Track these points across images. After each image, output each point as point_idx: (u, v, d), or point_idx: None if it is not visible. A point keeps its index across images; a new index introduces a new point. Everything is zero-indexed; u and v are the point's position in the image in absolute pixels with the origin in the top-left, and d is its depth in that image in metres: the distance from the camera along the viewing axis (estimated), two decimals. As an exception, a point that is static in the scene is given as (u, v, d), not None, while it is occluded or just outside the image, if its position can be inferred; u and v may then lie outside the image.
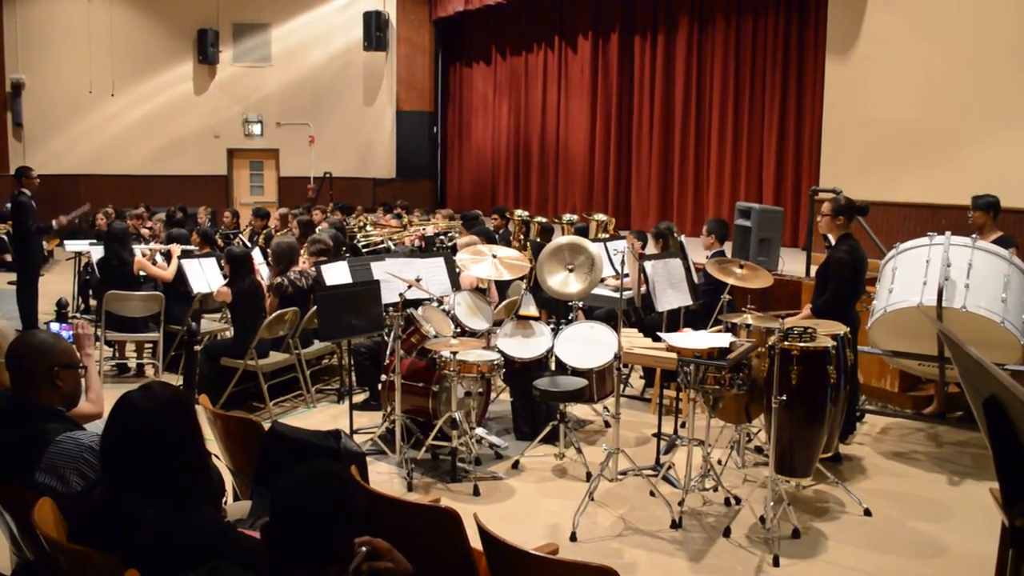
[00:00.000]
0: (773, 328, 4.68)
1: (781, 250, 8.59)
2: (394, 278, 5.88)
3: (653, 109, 13.57)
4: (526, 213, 11.50)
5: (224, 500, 3.23)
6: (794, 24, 11.35)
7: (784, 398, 4.32)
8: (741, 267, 5.70)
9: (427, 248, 9.49)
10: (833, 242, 5.58)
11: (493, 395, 6.19)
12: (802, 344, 4.43)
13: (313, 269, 6.81)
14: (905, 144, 8.53)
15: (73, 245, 10.35)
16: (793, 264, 8.41)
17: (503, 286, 7.22)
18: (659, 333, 5.14)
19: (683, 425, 5.68)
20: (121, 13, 17.24)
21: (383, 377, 5.72)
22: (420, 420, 5.57)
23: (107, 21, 17.15)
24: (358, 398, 6.63)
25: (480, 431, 5.68)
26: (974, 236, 5.63)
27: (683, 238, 7.05)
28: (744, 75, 12.16)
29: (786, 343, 4.42)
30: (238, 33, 17.65)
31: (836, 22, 9.39)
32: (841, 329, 4.79)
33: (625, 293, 5.36)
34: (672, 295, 6.06)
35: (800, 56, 11.29)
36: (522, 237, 10.64)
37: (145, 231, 10.67)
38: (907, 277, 5.62)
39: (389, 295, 5.72)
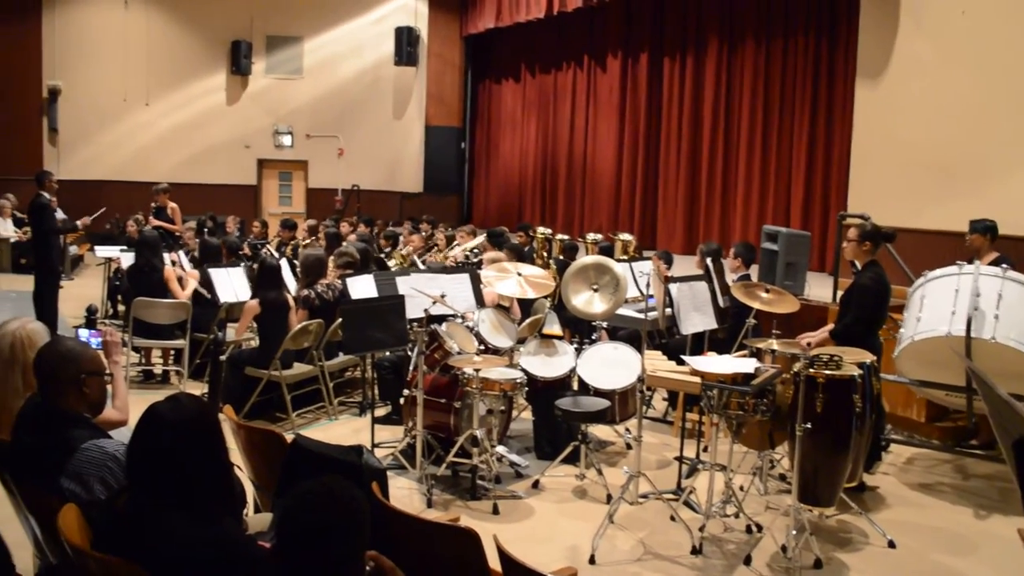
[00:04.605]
0: (798, 354, 4.64)
1: (808, 275, 8.52)
2: (419, 293, 5.89)
3: (681, 130, 13.56)
4: (549, 231, 11.51)
5: (245, 512, 3.24)
6: (824, 47, 11.31)
7: (809, 426, 4.27)
8: (767, 291, 5.66)
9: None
10: (859, 268, 5.54)
11: (515, 413, 6.18)
12: (828, 372, 4.39)
13: (339, 282, 6.85)
14: (934, 171, 8.46)
15: (104, 251, 10.49)
16: (820, 289, 8.34)
17: (526, 304, 7.21)
18: (683, 356, 5.12)
19: (705, 449, 5.64)
20: (157, 23, 17.50)
21: (405, 392, 5.72)
22: (441, 436, 5.57)
23: (144, 30, 17.41)
24: (380, 412, 6.64)
25: (501, 449, 5.67)
26: (1003, 266, 5.56)
27: (709, 261, 7.02)
28: (773, 97, 12.12)
29: (812, 370, 4.38)
30: (271, 45, 17.84)
31: (867, 46, 9.35)
32: (868, 357, 4.74)
33: (649, 315, 5.34)
34: (697, 318, 6.03)
35: (830, 79, 11.24)
36: (545, 255, 10.65)
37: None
38: (935, 306, 5.56)
39: (414, 310, 5.74)
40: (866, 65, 9.35)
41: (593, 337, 6.50)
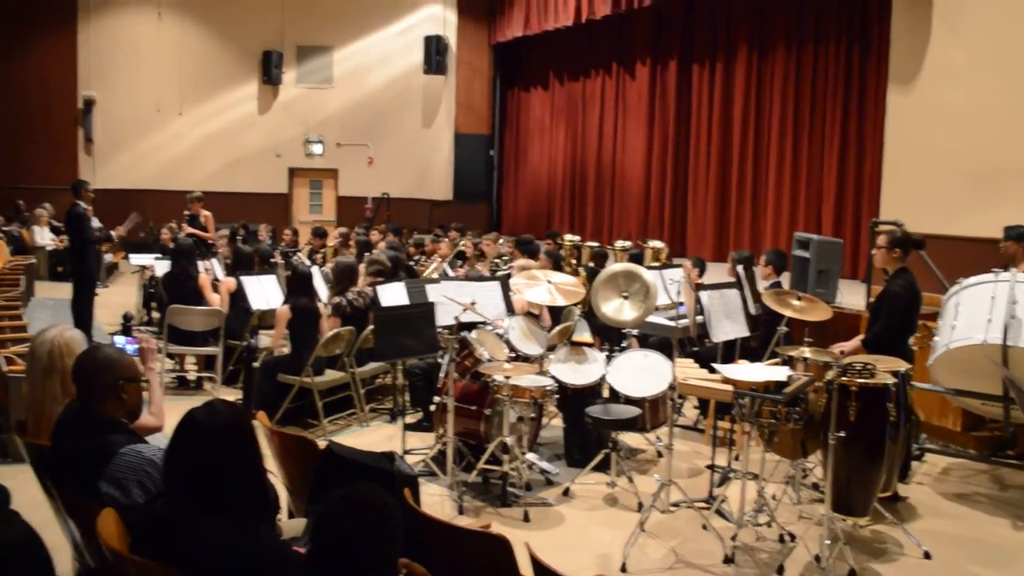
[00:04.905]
0: (831, 363, 4.60)
1: (840, 282, 8.44)
2: (449, 301, 5.92)
3: (711, 136, 13.51)
4: (577, 238, 11.50)
5: (279, 517, 3.27)
6: (856, 53, 11.22)
7: (842, 434, 4.23)
8: (799, 299, 5.62)
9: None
10: (890, 275, 5.49)
11: (545, 421, 6.18)
12: (861, 380, 4.35)
13: (370, 289, 6.89)
14: (968, 177, 8.36)
15: (138, 259, 10.65)
16: (852, 297, 8.25)
17: (556, 311, 7.21)
18: (714, 364, 5.10)
19: (737, 458, 5.59)
20: (190, 34, 17.75)
21: (436, 399, 5.74)
22: (472, 443, 5.59)
23: (177, 41, 17.68)
24: (411, 419, 6.67)
25: (531, 456, 5.67)
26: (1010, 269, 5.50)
27: (741, 269, 6.98)
28: (804, 103, 12.04)
29: (845, 378, 4.35)
30: (301, 55, 18.03)
31: (899, 52, 9.27)
32: (903, 366, 4.69)
33: (680, 322, 5.32)
34: (728, 326, 5.99)
35: (862, 85, 11.15)
36: (574, 262, 10.64)
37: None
38: (971, 314, 5.49)
39: (444, 317, 5.76)
40: (898, 71, 9.27)
41: (623, 345, 6.48)
